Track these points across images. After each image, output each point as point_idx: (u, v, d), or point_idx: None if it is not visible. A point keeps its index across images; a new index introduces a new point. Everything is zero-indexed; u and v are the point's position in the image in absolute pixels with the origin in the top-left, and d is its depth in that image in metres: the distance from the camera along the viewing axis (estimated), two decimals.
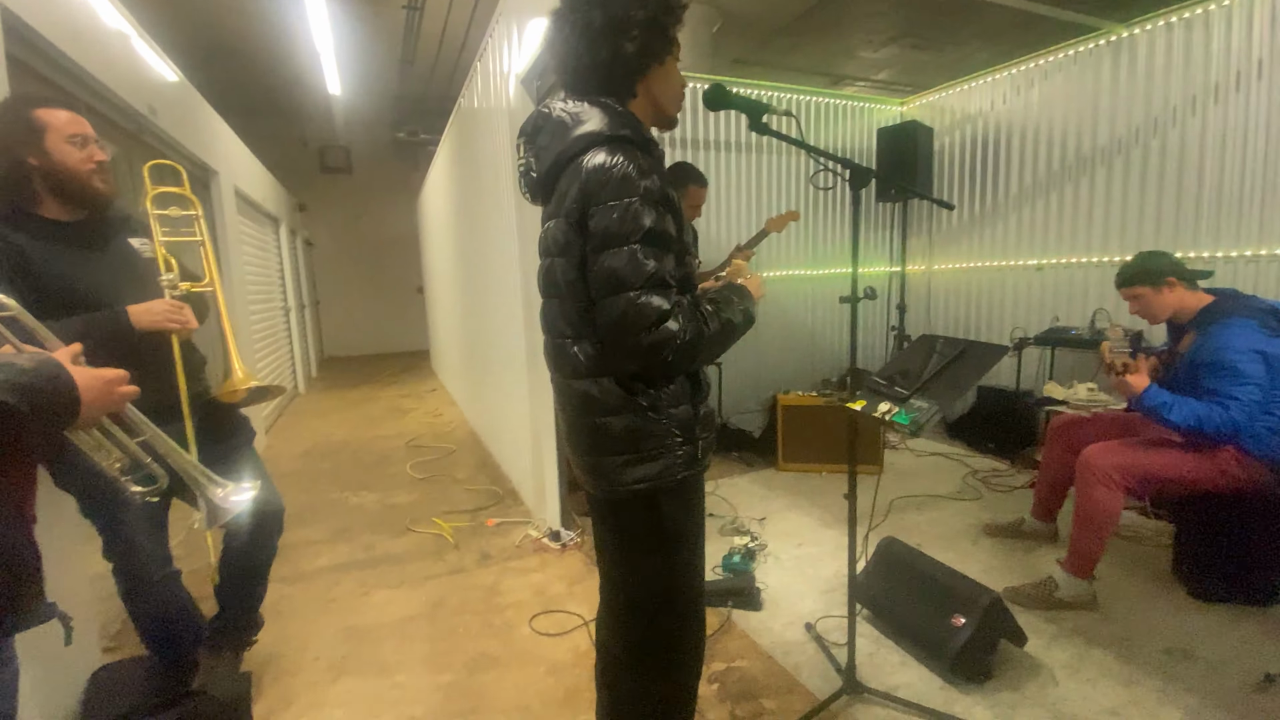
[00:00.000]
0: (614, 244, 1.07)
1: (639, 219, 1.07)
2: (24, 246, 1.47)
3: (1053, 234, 4.07)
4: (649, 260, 1.07)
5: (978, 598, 1.86)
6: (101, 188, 1.58)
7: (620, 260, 1.07)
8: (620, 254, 1.07)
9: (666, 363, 1.11)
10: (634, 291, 1.06)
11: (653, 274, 1.07)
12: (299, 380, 7.66)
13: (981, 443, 4.08)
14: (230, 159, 4.87)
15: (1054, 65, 4.02)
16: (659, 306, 1.07)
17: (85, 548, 1.85)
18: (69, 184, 1.52)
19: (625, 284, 1.07)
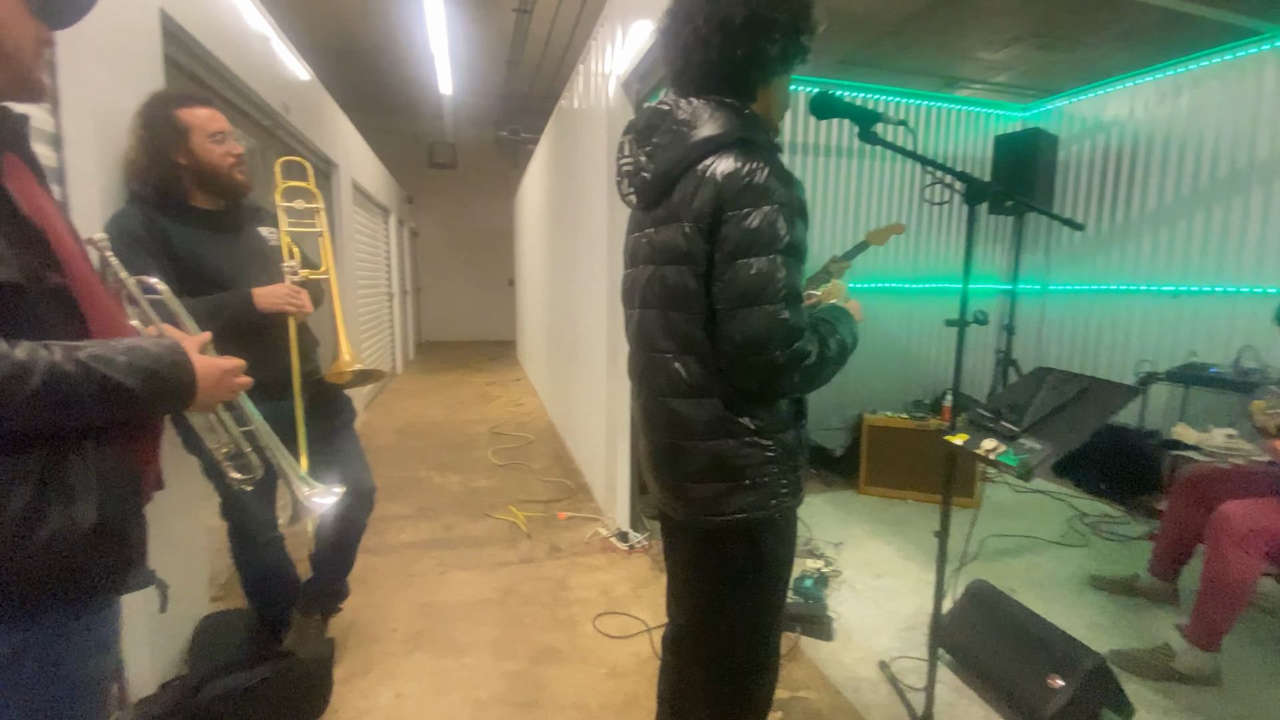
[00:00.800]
0: (751, 253, 1.01)
1: (778, 228, 1.01)
2: (168, 229, 1.63)
3: (1195, 258, 3.64)
4: (786, 273, 1.01)
5: (1080, 658, 1.68)
6: (241, 179, 1.73)
7: (758, 271, 1.00)
8: (759, 263, 1.00)
9: (790, 383, 1.05)
10: (773, 305, 1.00)
11: (791, 289, 1.01)
12: (397, 361, 8.14)
13: (1093, 483, 3.71)
14: (350, 153, 5.23)
15: (1208, 71, 3.59)
16: (796, 325, 1.01)
17: (206, 504, 2.04)
18: (213, 178, 1.67)
19: (763, 296, 1.00)
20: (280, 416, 1.72)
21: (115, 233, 1.52)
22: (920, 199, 4.44)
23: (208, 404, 0.95)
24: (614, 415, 3.09)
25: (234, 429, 1.14)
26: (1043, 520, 3.30)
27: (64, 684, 0.79)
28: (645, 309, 1.19)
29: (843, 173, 4.38)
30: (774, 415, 1.11)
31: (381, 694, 1.92)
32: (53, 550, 0.72)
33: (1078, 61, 6.26)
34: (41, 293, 0.73)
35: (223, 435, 1.19)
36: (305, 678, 1.65)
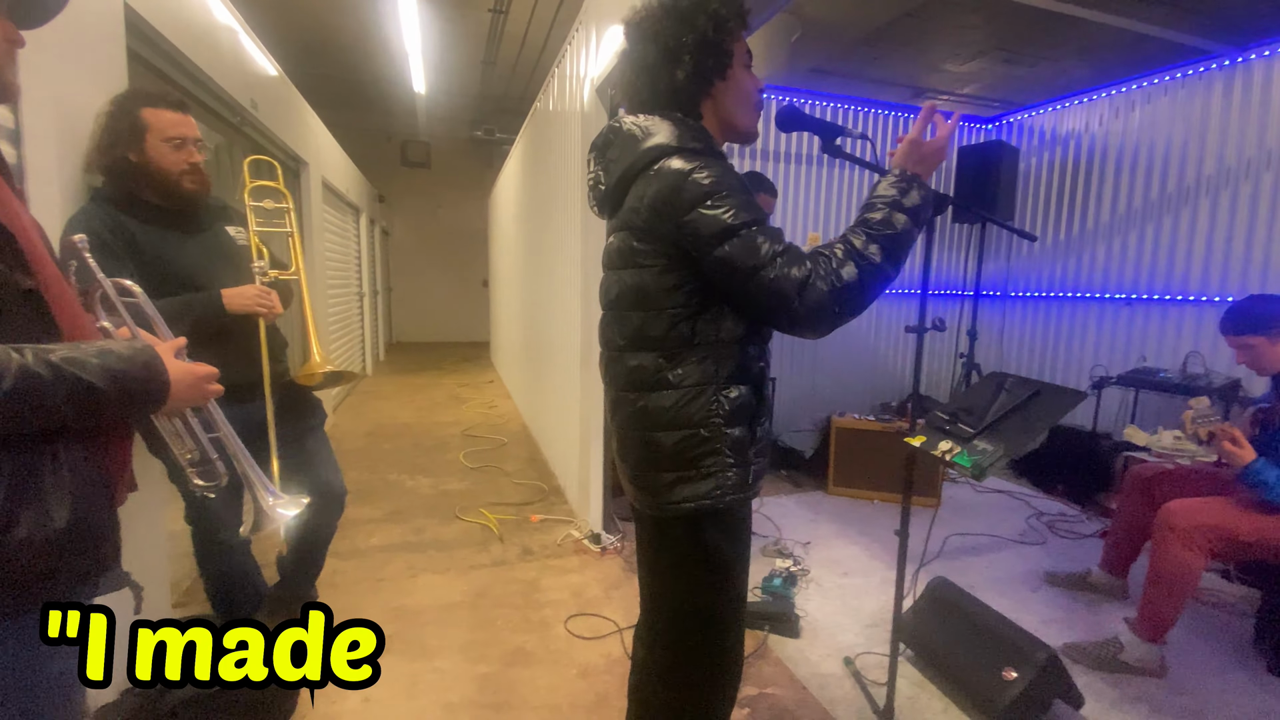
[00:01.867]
0: (724, 239, 1.06)
1: (737, 210, 1.07)
2: (133, 229, 1.60)
3: (1146, 268, 3.81)
4: (761, 239, 1.06)
5: (1033, 652, 1.76)
6: (189, 189, 1.66)
7: (737, 251, 1.06)
8: (735, 243, 1.06)
9: (846, 304, 1.08)
10: (766, 269, 1.05)
11: (773, 249, 1.06)
12: (367, 362, 8.03)
13: (1050, 483, 3.85)
14: (319, 151, 5.15)
15: (1160, 88, 3.76)
16: (794, 275, 1.05)
17: (167, 509, 2.00)
18: (159, 182, 1.62)
19: (753, 268, 1.06)
20: (249, 419, 1.71)
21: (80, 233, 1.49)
22: None
23: (178, 409, 0.94)
24: (588, 417, 3.10)
25: (201, 435, 1.12)
26: (1002, 519, 3.42)
27: (38, 688, 0.78)
28: (608, 310, 1.28)
29: (814, 181, 4.48)
30: (723, 410, 1.15)
31: (350, 699, 1.90)
32: (25, 553, 0.71)
33: (1040, 75, 6.49)
34: (13, 296, 0.73)
35: (188, 441, 1.18)
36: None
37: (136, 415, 0.91)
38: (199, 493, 1.25)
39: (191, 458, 1.21)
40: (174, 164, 1.62)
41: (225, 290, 1.68)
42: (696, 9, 1.15)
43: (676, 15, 1.15)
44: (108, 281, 0.98)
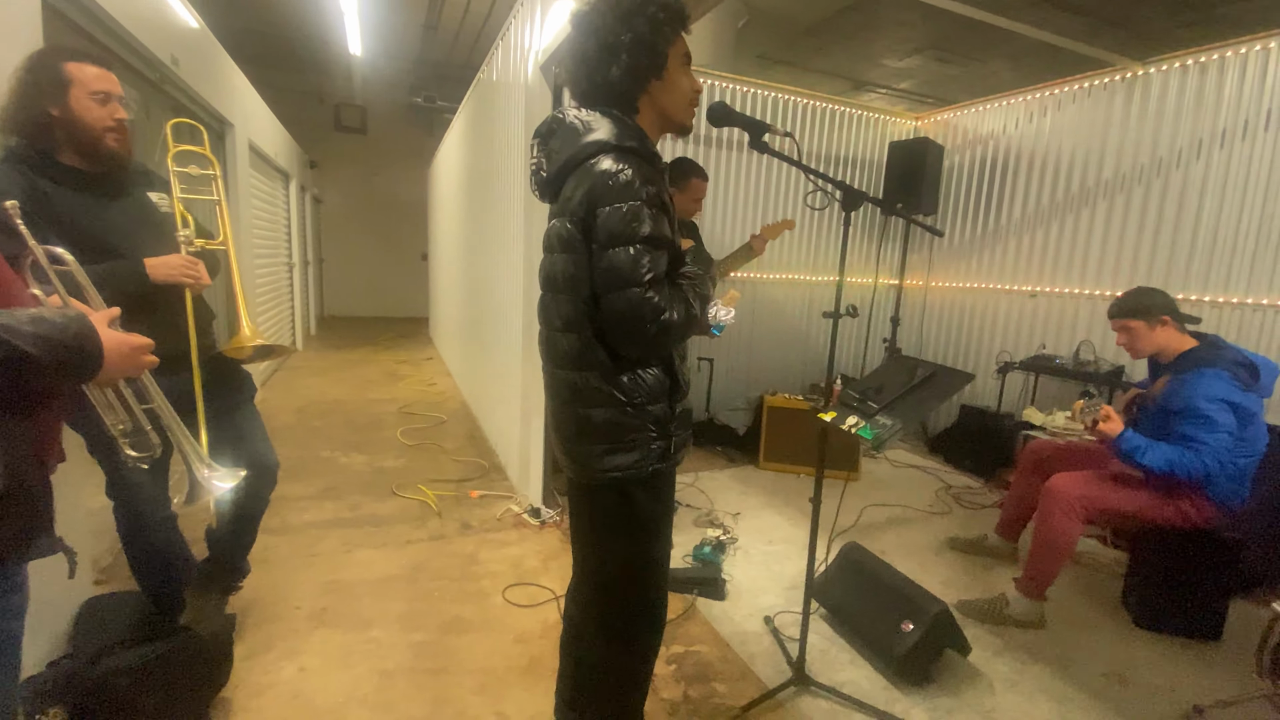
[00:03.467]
0: (618, 243, 1.16)
1: (642, 223, 1.16)
2: (49, 191, 1.53)
3: (1049, 263, 4.14)
4: (647, 259, 1.16)
5: (928, 606, 1.96)
6: (113, 146, 1.60)
7: (624, 259, 1.16)
8: (624, 253, 1.16)
9: (666, 346, 1.25)
10: (638, 288, 1.16)
11: (655, 272, 1.17)
12: (297, 337, 7.72)
13: (960, 459, 4.18)
14: (246, 112, 4.88)
15: (1069, 96, 4.06)
16: (659, 303, 1.17)
17: (86, 484, 1.94)
18: (83, 139, 1.55)
19: (630, 281, 1.16)
20: (176, 392, 1.67)
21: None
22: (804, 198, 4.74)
23: (111, 379, 0.94)
24: (528, 394, 3.14)
25: (135, 405, 1.12)
26: (915, 492, 3.70)
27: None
28: (545, 291, 1.36)
29: (747, 168, 4.60)
30: (644, 388, 1.27)
31: (284, 668, 1.92)
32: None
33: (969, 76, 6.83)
34: None
35: (121, 412, 1.17)
36: (204, 653, 1.63)
37: (69, 384, 0.91)
38: (131, 464, 1.24)
39: (124, 428, 1.20)
40: (98, 119, 1.55)
41: (149, 259, 1.63)
42: (635, 11, 1.22)
43: (616, 14, 1.22)
44: (40, 248, 0.97)
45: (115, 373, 0.93)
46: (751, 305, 4.71)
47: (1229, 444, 2.09)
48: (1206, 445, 2.08)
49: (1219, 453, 2.08)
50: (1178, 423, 2.17)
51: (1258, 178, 3.15)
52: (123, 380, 1.10)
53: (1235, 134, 3.24)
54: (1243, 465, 2.16)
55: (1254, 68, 3.17)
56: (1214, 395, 2.10)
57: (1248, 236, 3.18)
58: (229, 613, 2.02)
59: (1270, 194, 3.10)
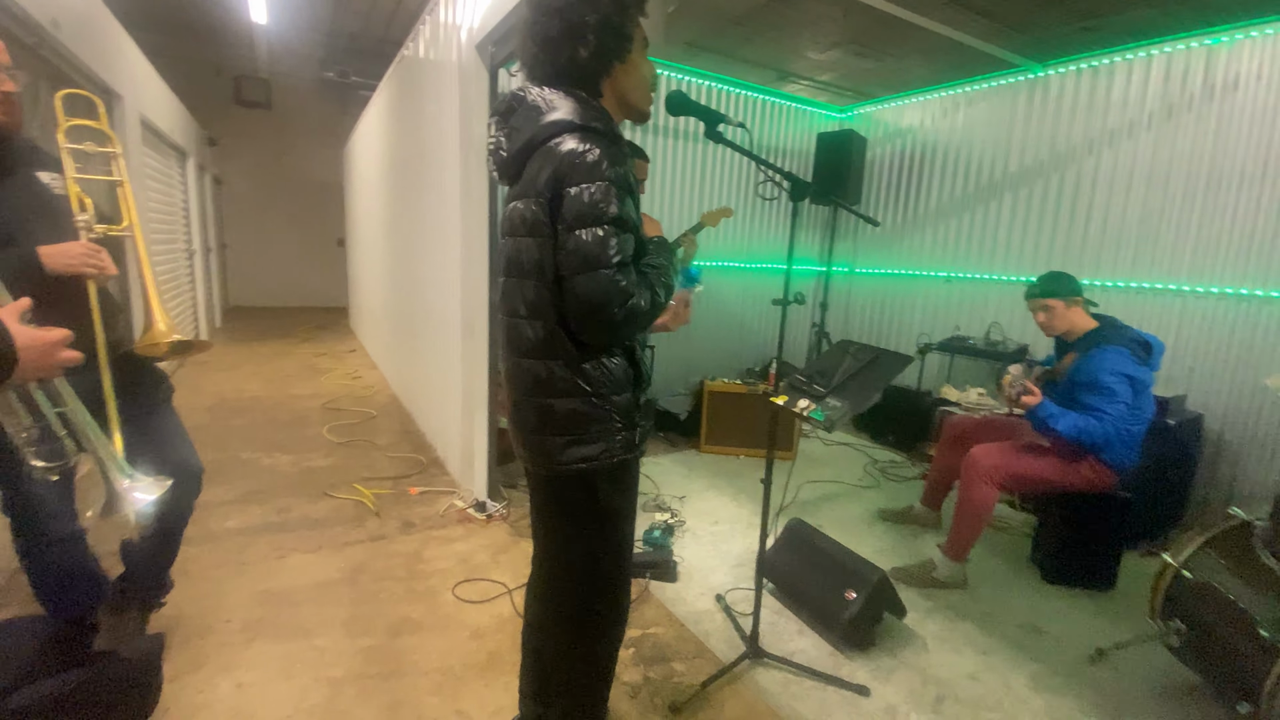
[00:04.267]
0: (585, 224, 1.13)
1: (609, 203, 1.13)
2: None
3: (962, 251, 4.44)
4: (615, 241, 1.13)
5: (869, 574, 2.08)
6: (2, 119, 1.44)
7: (592, 240, 1.12)
8: (592, 234, 1.12)
9: (630, 333, 1.22)
10: (608, 270, 1.12)
11: (622, 255, 1.14)
12: (202, 329, 7.15)
13: (884, 435, 4.43)
14: (137, 83, 4.42)
15: (979, 94, 4.34)
16: (628, 287, 1.14)
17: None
18: None
19: (598, 263, 1.12)
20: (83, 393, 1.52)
21: None
22: (754, 188, 4.86)
23: (25, 379, 0.84)
24: (471, 387, 3.06)
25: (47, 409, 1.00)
26: (846, 467, 3.90)
27: None
28: (508, 276, 1.31)
29: (694, 157, 4.64)
30: (610, 378, 1.25)
31: (220, 686, 1.80)
32: None
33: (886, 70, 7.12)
34: None
35: (25, 417, 1.05)
36: (128, 678, 1.50)
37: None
38: (39, 475, 1.12)
39: (28, 436, 1.08)
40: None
41: (44, 247, 1.46)
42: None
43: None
44: None
45: (30, 372, 0.83)
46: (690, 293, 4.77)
47: (1125, 413, 2.33)
48: (1107, 415, 2.31)
49: (1117, 420, 2.31)
50: (1083, 394, 2.39)
51: (1141, 173, 3.49)
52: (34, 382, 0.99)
53: (1121, 134, 3.57)
54: (1135, 432, 2.41)
55: (1139, 74, 3.49)
56: (1116, 369, 2.33)
57: (1132, 226, 3.53)
58: (154, 632, 1.87)
59: (1151, 188, 3.44)
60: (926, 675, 2.00)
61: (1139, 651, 2.13)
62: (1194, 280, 3.29)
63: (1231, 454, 3.17)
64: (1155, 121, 3.42)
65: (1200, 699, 1.95)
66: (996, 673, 2.03)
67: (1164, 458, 2.95)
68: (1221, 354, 3.20)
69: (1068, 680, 2.01)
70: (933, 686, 1.95)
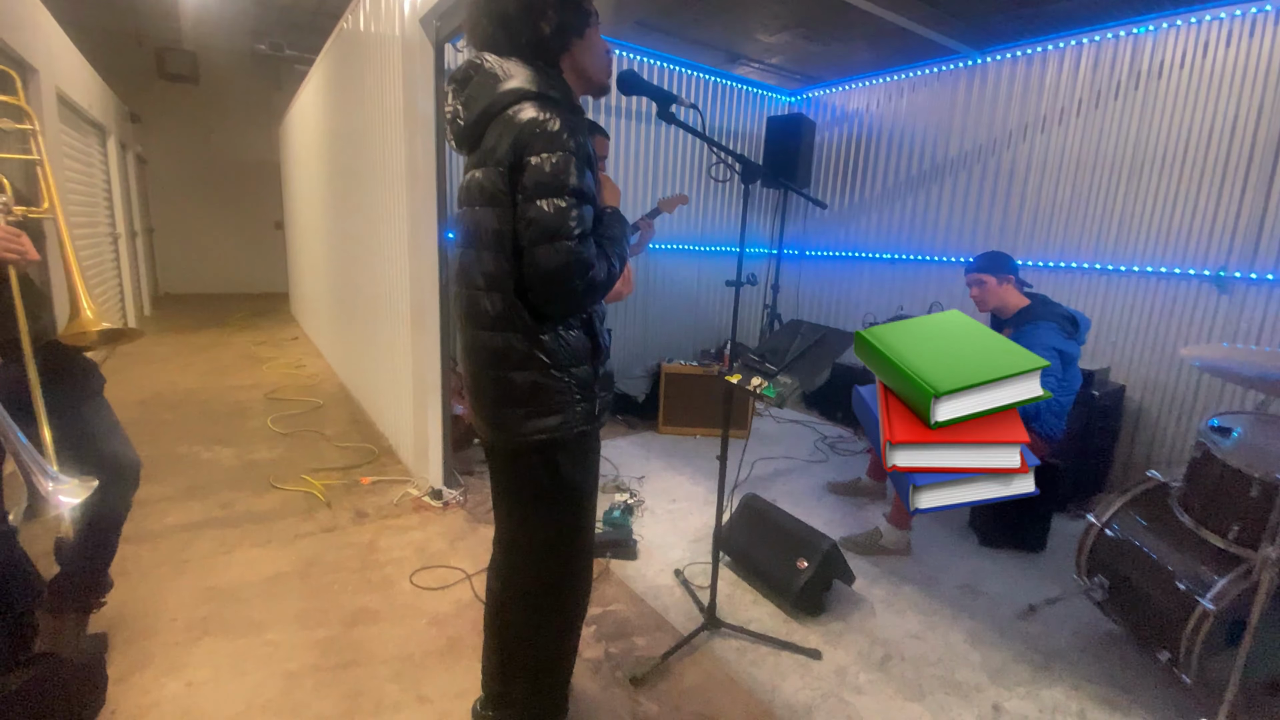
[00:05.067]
0: (547, 194, 1.12)
1: (569, 173, 1.13)
2: None
3: (905, 233, 4.59)
4: (576, 212, 1.13)
5: (819, 544, 2.17)
6: None
7: (554, 211, 1.12)
8: (553, 204, 1.12)
9: (590, 303, 1.22)
10: (571, 241, 1.12)
11: (583, 226, 1.14)
12: (130, 318, 6.75)
13: (833, 412, 4.58)
14: (51, 55, 4.09)
15: (921, 79, 4.46)
16: (589, 258, 1.14)
17: None
18: None
19: (560, 233, 1.12)
20: (6, 385, 1.43)
21: None
22: (707, 170, 4.89)
23: None
24: (422, 373, 3.00)
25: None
26: (797, 444, 4.02)
27: None
28: (465, 248, 1.29)
29: (647, 139, 4.63)
30: (568, 350, 1.25)
31: (167, 685, 1.74)
32: None
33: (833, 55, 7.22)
34: None
35: None
36: (71, 679, 1.44)
37: None
38: None
39: None
40: None
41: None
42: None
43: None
44: None
45: None
46: (646, 276, 4.79)
47: (1055, 386, 2.47)
48: None
49: None
50: None
51: (1070, 158, 3.67)
52: None
53: (1052, 120, 3.74)
54: (1064, 403, 2.57)
55: (1070, 61, 3.66)
56: (1047, 344, 2.47)
57: (1060, 209, 3.72)
58: (95, 632, 1.79)
59: (1080, 172, 3.63)
60: (874, 637, 2.10)
61: (1067, 606, 2.30)
62: (1118, 260, 3.51)
63: (1150, 421, 3.41)
64: (1084, 108, 3.60)
65: (1123, 648, 2.11)
66: (937, 631, 2.16)
67: (1090, 426, 3.15)
68: (1142, 328, 3.43)
69: (1002, 635, 2.16)
70: (879, 647, 2.06)
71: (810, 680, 1.89)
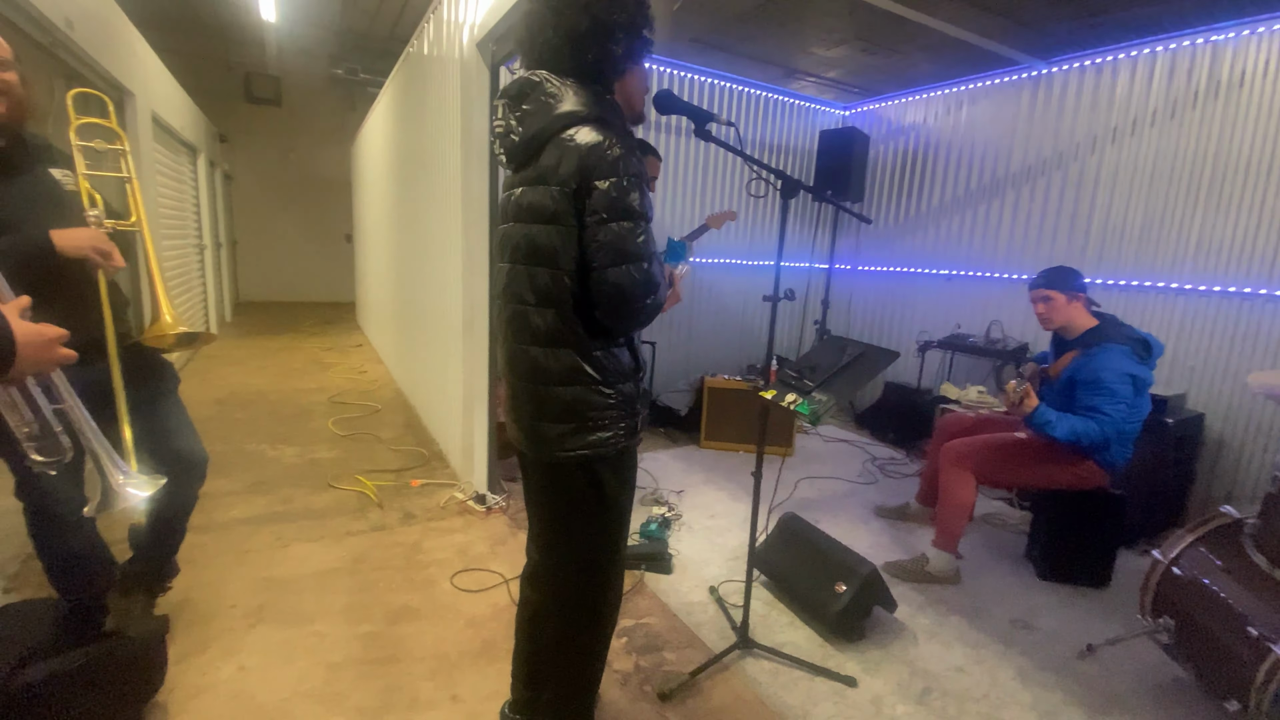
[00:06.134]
0: (617, 218, 1.16)
1: (637, 197, 1.17)
2: None
3: (964, 248, 4.43)
4: (643, 234, 1.18)
5: (858, 568, 2.10)
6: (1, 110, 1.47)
7: (624, 233, 1.16)
8: (624, 227, 1.16)
9: (646, 323, 1.26)
10: (641, 263, 1.17)
11: (649, 248, 1.19)
12: (212, 324, 7.25)
13: (884, 432, 4.44)
14: (148, 81, 4.49)
15: (982, 91, 4.33)
16: (655, 278, 1.19)
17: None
18: None
19: (631, 256, 1.17)
20: (90, 384, 1.56)
21: None
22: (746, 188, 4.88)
23: (23, 374, 0.88)
24: (471, 381, 3.10)
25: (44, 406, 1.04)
26: (844, 464, 3.91)
27: None
28: (514, 264, 1.31)
29: (689, 154, 4.66)
30: (617, 366, 1.28)
31: (222, 669, 1.86)
32: None
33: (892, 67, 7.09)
34: None
35: (26, 413, 1.08)
36: (134, 658, 1.55)
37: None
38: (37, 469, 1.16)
39: (29, 431, 1.12)
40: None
41: (56, 230, 1.51)
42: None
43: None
44: None
45: (28, 367, 0.86)
46: (691, 290, 4.80)
47: (1126, 414, 2.32)
48: (1108, 416, 2.31)
49: (1118, 422, 2.31)
50: (1084, 394, 2.38)
51: (1144, 171, 3.47)
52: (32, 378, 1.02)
53: (1124, 131, 3.56)
54: (1130, 430, 2.41)
55: (1143, 70, 3.48)
56: (1119, 369, 2.33)
57: (1135, 224, 3.52)
58: (159, 614, 1.92)
59: (1154, 186, 3.43)
60: (914, 667, 2.02)
61: (1129, 648, 2.14)
62: (1197, 279, 3.28)
63: (1233, 453, 3.16)
64: (1159, 119, 3.40)
65: (1189, 696, 1.96)
66: (984, 666, 2.05)
67: (1162, 457, 2.95)
68: (1224, 353, 3.19)
69: (1056, 675, 2.03)
70: (920, 679, 1.97)
71: (844, 708, 1.83)
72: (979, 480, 2.53)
